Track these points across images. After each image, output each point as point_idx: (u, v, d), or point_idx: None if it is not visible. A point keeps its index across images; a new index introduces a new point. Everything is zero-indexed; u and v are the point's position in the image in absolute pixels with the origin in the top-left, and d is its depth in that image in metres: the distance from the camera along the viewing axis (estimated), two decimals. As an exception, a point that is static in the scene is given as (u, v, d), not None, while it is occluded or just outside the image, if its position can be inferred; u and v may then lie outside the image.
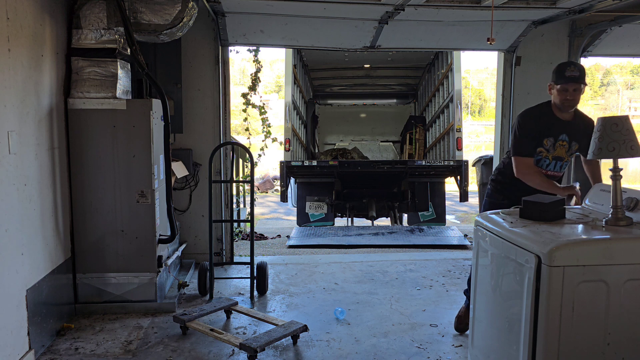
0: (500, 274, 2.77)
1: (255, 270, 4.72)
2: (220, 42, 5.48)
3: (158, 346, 3.69)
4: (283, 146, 8.57)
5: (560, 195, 3.22)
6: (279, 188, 9.72)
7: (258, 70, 6.97)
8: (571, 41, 6.05)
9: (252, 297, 4.68)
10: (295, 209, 8.81)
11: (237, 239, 6.89)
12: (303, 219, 8.37)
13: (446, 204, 8.94)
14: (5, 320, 3.06)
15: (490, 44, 4.03)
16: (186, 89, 5.39)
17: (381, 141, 11.36)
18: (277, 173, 8.94)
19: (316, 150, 10.72)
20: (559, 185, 3.52)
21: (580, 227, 2.69)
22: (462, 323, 3.85)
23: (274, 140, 7.86)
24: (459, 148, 8.67)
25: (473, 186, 8.77)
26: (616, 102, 54.04)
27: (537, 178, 3.44)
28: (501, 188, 3.73)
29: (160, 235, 4.30)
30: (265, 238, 7.66)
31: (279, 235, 7.84)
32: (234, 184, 6.87)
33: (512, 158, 3.51)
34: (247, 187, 7.38)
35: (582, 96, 3.40)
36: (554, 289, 2.32)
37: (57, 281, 3.85)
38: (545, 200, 2.81)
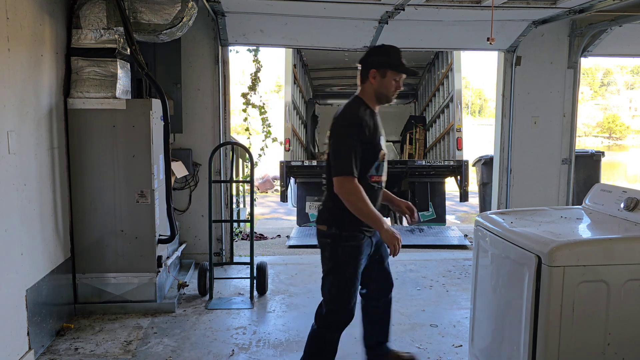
0: (501, 274, 2.77)
1: (255, 270, 4.72)
2: (220, 42, 5.48)
3: (157, 346, 3.68)
4: (283, 146, 8.57)
5: (385, 235, 2.74)
6: (279, 188, 9.70)
7: (258, 70, 6.97)
8: (571, 41, 6.05)
9: (252, 297, 4.67)
10: (295, 209, 8.81)
11: (237, 239, 6.89)
12: (303, 219, 8.36)
13: (446, 204, 8.92)
14: (4, 321, 3.06)
15: (490, 43, 4.03)
16: (186, 89, 5.39)
17: None
18: (277, 173, 8.92)
19: (316, 150, 10.71)
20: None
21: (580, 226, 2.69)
22: None
23: (274, 140, 7.85)
24: (459, 148, 8.66)
25: (473, 186, 8.76)
26: (616, 102, 54.04)
27: (369, 204, 2.74)
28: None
29: (160, 235, 4.30)
30: (265, 238, 7.65)
31: (279, 236, 7.83)
32: (234, 184, 6.87)
33: (335, 179, 2.73)
34: (247, 187, 7.37)
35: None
36: (554, 289, 2.32)
37: (56, 281, 3.84)
38: None
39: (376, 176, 2.87)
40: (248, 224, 5.45)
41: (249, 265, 4.74)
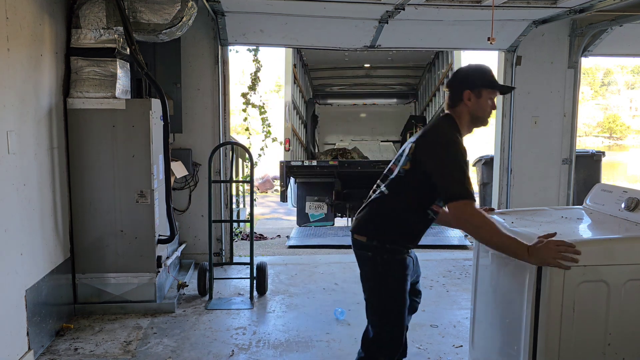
0: (501, 274, 2.76)
1: (255, 270, 4.71)
2: (220, 42, 5.48)
3: (157, 346, 3.68)
4: (283, 146, 8.57)
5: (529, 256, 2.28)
6: (278, 188, 9.70)
7: (258, 70, 6.97)
8: (572, 41, 6.05)
9: (251, 297, 4.67)
10: (295, 209, 8.80)
11: (236, 239, 6.88)
12: (303, 219, 8.36)
13: (446, 204, 8.90)
14: (4, 321, 3.05)
15: (491, 43, 4.02)
16: (186, 89, 5.39)
17: (381, 141, 11.34)
18: (277, 173, 8.93)
19: (316, 150, 10.71)
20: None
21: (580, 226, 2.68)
22: None
23: (274, 140, 7.86)
24: (460, 148, 8.65)
25: (473, 186, 8.77)
26: (617, 102, 54.03)
27: (503, 232, 2.38)
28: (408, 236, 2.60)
29: (159, 235, 4.30)
30: (265, 238, 7.65)
31: (279, 236, 7.83)
32: (234, 184, 6.86)
33: (455, 204, 2.40)
34: (247, 187, 7.37)
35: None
36: (555, 289, 2.31)
37: (56, 281, 3.84)
38: None
39: (437, 206, 2.60)
40: (248, 224, 5.45)
41: (249, 266, 4.73)
